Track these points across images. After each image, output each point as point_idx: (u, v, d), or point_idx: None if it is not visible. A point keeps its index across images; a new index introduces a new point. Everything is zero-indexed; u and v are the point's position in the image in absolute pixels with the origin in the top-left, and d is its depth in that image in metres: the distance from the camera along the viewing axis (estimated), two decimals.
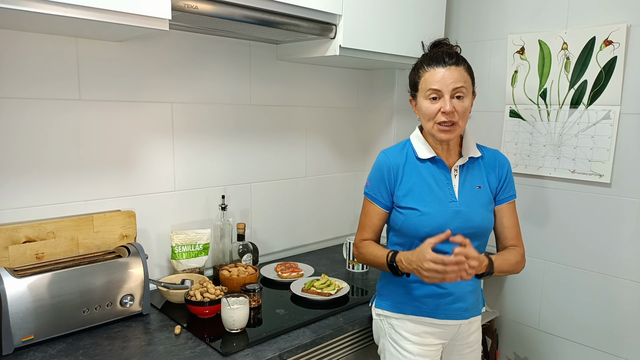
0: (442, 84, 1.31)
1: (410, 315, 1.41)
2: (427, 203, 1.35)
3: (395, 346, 1.43)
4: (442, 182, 1.39)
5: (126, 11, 1.19)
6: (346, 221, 2.42)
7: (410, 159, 1.41)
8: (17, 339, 1.25)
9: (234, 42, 1.86)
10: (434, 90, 1.32)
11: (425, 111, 1.35)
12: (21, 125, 1.42)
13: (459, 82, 1.31)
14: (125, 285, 1.43)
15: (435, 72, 1.32)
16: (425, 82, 1.34)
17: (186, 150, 1.79)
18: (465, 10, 2.18)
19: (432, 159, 1.40)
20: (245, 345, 1.32)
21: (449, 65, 1.32)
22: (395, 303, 1.44)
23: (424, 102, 1.35)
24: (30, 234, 1.42)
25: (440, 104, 1.32)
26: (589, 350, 1.92)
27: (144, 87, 1.65)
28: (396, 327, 1.43)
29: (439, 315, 1.40)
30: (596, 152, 1.82)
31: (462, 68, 1.33)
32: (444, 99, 1.31)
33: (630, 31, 1.71)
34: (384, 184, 1.41)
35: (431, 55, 1.37)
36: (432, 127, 1.35)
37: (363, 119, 2.43)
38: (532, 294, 2.07)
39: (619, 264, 1.81)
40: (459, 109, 1.32)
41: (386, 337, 1.46)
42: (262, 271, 1.87)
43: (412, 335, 1.41)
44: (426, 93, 1.34)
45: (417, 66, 1.39)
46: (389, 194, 1.41)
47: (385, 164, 1.41)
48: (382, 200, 1.42)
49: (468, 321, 1.44)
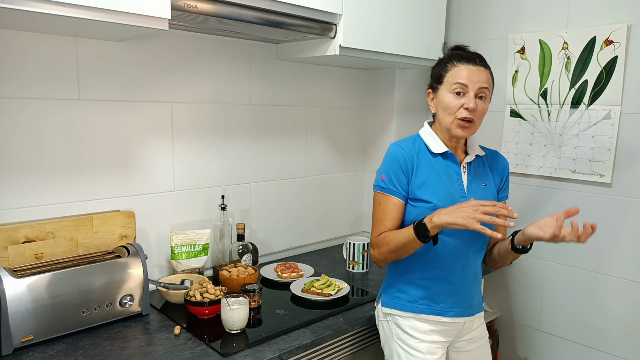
0: (469, 80, 1.33)
1: (418, 314, 1.41)
2: (440, 197, 1.35)
3: (404, 346, 1.42)
4: (453, 177, 1.40)
5: (126, 11, 1.18)
6: (346, 221, 2.42)
7: (422, 152, 1.41)
8: (17, 339, 1.24)
9: (234, 42, 1.86)
10: (461, 85, 1.33)
11: (448, 104, 1.35)
12: (21, 125, 1.42)
13: (485, 83, 1.34)
14: (125, 286, 1.43)
15: (465, 68, 1.34)
16: (453, 76, 1.35)
17: (186, 150, 1.78)
18: (465, 9, 2.18)
19: (444, 153, 1.41)
20: (245, 346, 1.32)
21: (479, 66, 1.35)
22: (404, 302, 1.43)
23: (447, 96, 1.35)
24: (30, 234, 1.41)
25: (464, 100, 1.33)
26: (589, 350, 1.91)
27: (143, 87, 1.65)
28: (403, 326, 1.42)
29: (448, 313, 1.40)
30: (597, 152, 1.82)
31: (488, 72, 1.37)
32: (468, 95, 1.33)
33: (630, 31, 1.71)
34: (402, 172, 1.38)
35: (462, 53, 1.38)
36: (452, 121, 1.35)
37: (363, 118, 2.42)
38: (532, 294, 2.06)
39: (620, 264, 1.80)
40: (479, 109, 1.34)
41: (394, 339, 1.45)
42: (262, 271, 1.86)
43: (419, 333, 1.40)
44: (452, 87, 1.34)
45: (445, 60, 1.39)
46: (406, 183, 1.38)
47: (401, 154, 1.39)
48: (400, 190, 1.38)
49: (473, 318, 1.45)
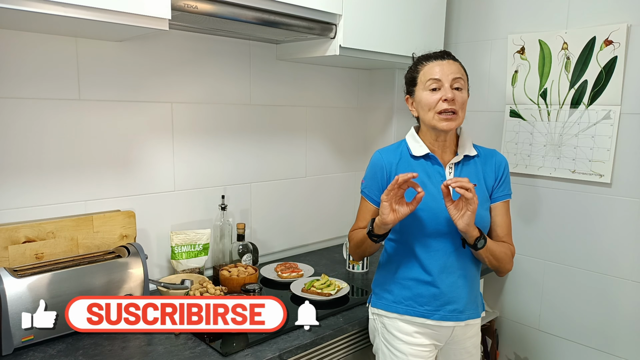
0: (442, 74, 1.35)
1: (403, 315, 1.41)
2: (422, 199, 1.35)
3: (388, 346, 1.43)
4: (437, 179, 1.39)
5: (126, 11, 1.18)
6: (346, 221, 2.42)
7: (404, 157, 1.43)
8: (17, 339, 1.24)
9: (234, 42, 1.86)
10: (434, 80, 1.35)
11: (426, 102, 1.36)
12: (21, 125, 1.42)
13: (457, 73, 1.36)
14: (125, 286, 1.43)
15: (434, 64, 1.37)
16: (425, 74, 1.37)
17: (186, 150, 1.79)
18: (465, 10, 2.18)
19: (426, 155, 1.41)
20: (245, 346, 1.32)
21: (448, 59, 1.38)
22: (389, 302, 1.44)
23: (424, 94, 1.37)
24: (30, 234, 1.42)
25: (440, 93, 1.34)
26: (589, 350, 1.91)
27: (143, 87, 1.65)
28: (388, 326, 1.43)
29: (433, 316, 1.39)
30: (596, 152, 1.82)
31: (458, 64, 1.40)
32: (444, 87, 1.34)
33: (630, 31, 1.71)
34: (377, 182, 1.43)
35: (428, 54, 1.42)
36: (433, 117, 1.36)
37: (363, 118, 2.42)
38: (532, 294, 2.07)
39: (619, 264, 1.81)
40: (458, 99, 1.35)
41: (380, 337, 1.46)
42: (262, 271, 1.87)
43: (403, 335, 1.40)
44: (426, 84, 1.36)
45: (415, 63, 1.43)
46: (382, 192, 1.39)
47: (379, 163, 1.44)
48: (376, 198, 1.43)
49: (464, 324, 1.42)
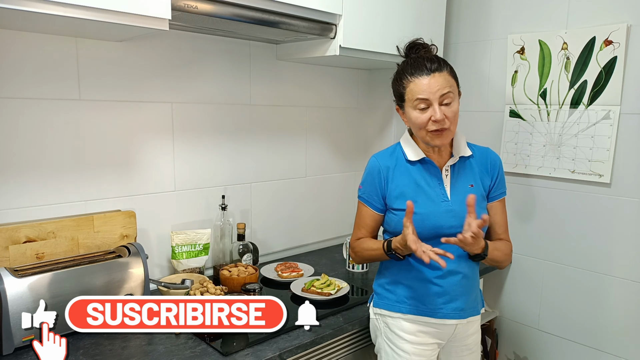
0: (429, 93, 1.29)
1: (406, 315, 1.41)
2: (420, 204, 1.36)
3: (391, 345, 1.43)
4: (433, 182, 1.40)
5: (126, 11, 1.19)
6: (346, 221, 2.42)
7: (400, 162, 1.42)
8: (18, 338, 1.25)
9: (233, 42, 1.86)
10: (422, 100, 1.31)
11: (415, 121, 1.34)
12: (21, 125, 1.42)
13: (445, 89, 1.30)
14: (126, 285, 1.43)
15: (420, 82, 1.31)
16: (411, 93, 1.32)
17: (186, 150, 1.79)
18: (465, 10, 2.18)
19: (422, 160, 1.40)
20: (245, 345, 1.32)
21: (433, 73, 1.30)
22: (391, 302, 1.44)
23: (413, 113, 1.34)
24: (31, 233, 1.42)
25: (429, 112, 1.31)
26: (589, 350, 1.92)
27: (144, 87, 1.65)
28: (391, 326, 1.44)
29: (436, 315, 1.40)
30: (596, 152, 1.82)
31: (445, 73, 1.32)
32: (433, 107, 1.30)
33: (630, 31, 1.71)
34: (375, 187, 1.43)
35: (412, 62, 1.35)
36: (425, 135, 1.35)
37: (363, 119, 2.43)
38: (532, 293, 2.07)
39: (619, 264, 1.81)
40: (449, 115, 1.31)
41: (382, 336, 1.46)
42: (262, 271, 1.87)
43: (407, 334, 1.41)
44: (414, 103, 1.32)
45: (400, 76, 1.37)
46: (380, 197, 1.43)
47: (376, 168, 1.43)
48: (375, 203, 1.44)
49: (466, 321, 1.43)
